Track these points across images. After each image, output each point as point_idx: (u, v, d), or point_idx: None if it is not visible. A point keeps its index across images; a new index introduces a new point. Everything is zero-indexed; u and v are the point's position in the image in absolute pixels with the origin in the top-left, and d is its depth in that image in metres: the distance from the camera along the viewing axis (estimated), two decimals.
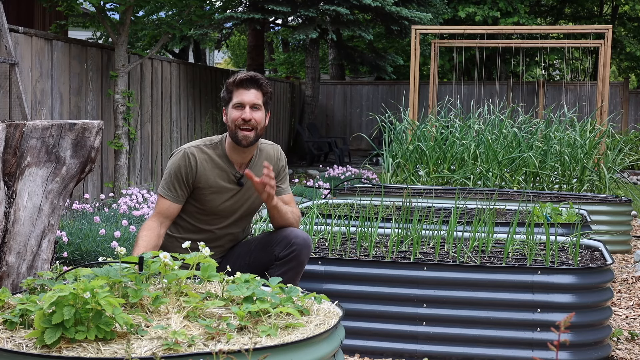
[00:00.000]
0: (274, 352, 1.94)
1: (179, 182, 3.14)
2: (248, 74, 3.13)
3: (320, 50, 20.91)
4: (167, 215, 3.15)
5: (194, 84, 10.65)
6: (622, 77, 24.36)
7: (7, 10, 8.51)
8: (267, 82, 3.18)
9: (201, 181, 3.15)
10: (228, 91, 3.16)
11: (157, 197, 3.19)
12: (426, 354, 3.30)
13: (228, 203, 3.20)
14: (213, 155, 3.18)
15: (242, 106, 3.11)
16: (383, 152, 7.96)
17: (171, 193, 3.14)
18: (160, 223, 3.13)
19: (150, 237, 3.06)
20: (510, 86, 15.54)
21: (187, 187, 3.15)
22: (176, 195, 3.14)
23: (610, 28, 9.97)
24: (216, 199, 3.17)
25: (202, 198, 3.17)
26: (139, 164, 8.78)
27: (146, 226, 3.10)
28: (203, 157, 3.16)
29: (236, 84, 3.12)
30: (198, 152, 3.17)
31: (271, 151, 3.30)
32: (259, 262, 3.19)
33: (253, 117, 3.10)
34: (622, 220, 5.88)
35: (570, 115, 8.51)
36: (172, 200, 3.14)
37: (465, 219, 4.41)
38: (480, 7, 16.67)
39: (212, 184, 3.16)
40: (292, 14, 13.30)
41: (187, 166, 3.13)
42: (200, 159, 3.15)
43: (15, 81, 6.14)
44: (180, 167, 3.14)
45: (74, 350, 1.90)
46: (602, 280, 3.34)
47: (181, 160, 3.14)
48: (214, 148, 3.20)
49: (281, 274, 3.09)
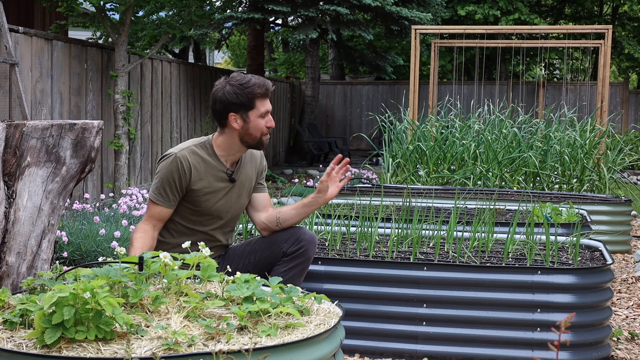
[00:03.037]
0: (274, 352, 1.94)
1: (171, 187, 3.10)
2: (266, 84, 3.12)
3: (320, 50, 20.92)
4: (159, 219, 3.14)
5: (194, 84, 10.65)
6: (622, 77, 24.37)
7: (7, 10, 8.51)
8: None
9: (195, 184, 3.13)
10: (249, 99, 3.09)
11: (148, 201, 3.16)
12: (426, 354, 3.30)
13: (222, 201, 3.20)
14: (204, 155, 3.16)
15: (267, 114, 3.16)
16: (383, 152, 7.96)
17: (162, 198, 3.11)
18: (153, 226, 3.12)
19: (145, 239, 3.06)
20: (510, 86, 15.54)
21: (179, 192, 3.12)
22: (168, 200, 3.12)
23: (610, 28, 9.97)
24: (211, 199, 3.17)
25: (196, 200, 3.15)
26: (139, 164, 8.79)
27: (140, 229, 3.09)
28: (195, 158, 3.13)
29: (262, 95, 3.12)
30: (190, 154, 3.13)
31: (254, 151, 3.34)
32: (265, 260, 3.21)
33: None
34: (622, 220, 5.88)
35: (570, 115, 8.51)
36: (164, 205, 3.12)
37: (465, 219, 4.41)
38: (480, 6, 16.67)
39: (205, 185, 3.14)
40: (292, 14, 13.30)
41: (180, 171, 3.09)
42: (192, 162, 3.12)
43: (15, 81, 6.14)
44: (173, 172, 3.09)
45: (74, 350, 1.90)
46: (602, 280, 3.34)
47: (173, 166, 3.09)
48: (204, 148, 3.18)
49: (288, 269, 3.14)
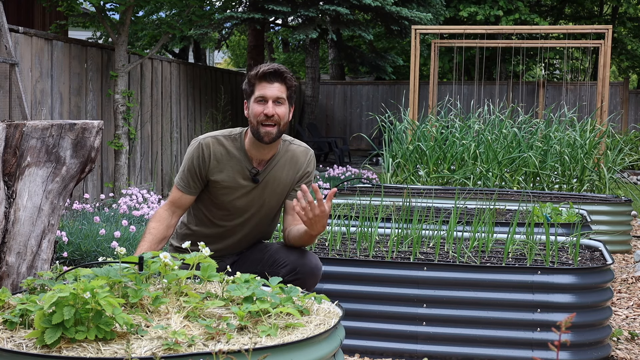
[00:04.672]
0: (274, 352, 1.94)
1: (192, 173, 3.03)
2: (272, 66, 2.92)
3: (320, 50, 20.92)
4: (179, 205, 3.06)
5: (194, 84, 10.65)
6: (622, 77, 24.37)
7: (7, 10, 8.52)
8: (291, 75, 2.98)
9: (214, 173, 3.02)
10: (250, 84, 2.96)
11: (174, 185, 3.09)
12: (426, 354, 3.30)
13: (241, 200, 3.05)
14: (231, 147, 3.02)
15: (264, 100, 2.91)
16: (383, 152, 7.95)
17: (183, 183, 3.04)
18: (172, 212, 3.05)
19: (159, 229, 2.99)
20: (510, 86, 15.54)
21: (199, 179, 3.03)
22: (188, 186, 3.04)
23: (610, 28, 9.97)
24: (229, 194, 3.04)
25: (214, 191, 3.05)
26: (139, 164, 8.78)
27: (157, 216, 3.02)
28: (219, 149, 3.02)
29: (259, 77, 2.92)
30: (214, 143, 3.02)
31: (301, 155, 3.09)
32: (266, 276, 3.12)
33: (276, 112, 2.91)
34: (622, 220, 5.88)
35: (570, 115, 8.51)
36: (184, 191, 3.04)
37: (465, 219, 4.41)
38: (481, 7, 16.68)
39: (225, 178, 3.02)
40: (292, 14, 13.30)
41: (200, 157, 3.01)
42: (214, 151, 3.01)
43: (15, 81, 6.14)
44: (193, 158, 3.02)
45: (74, 350, 1.90)
46: (602, 280, 3.34)
47: (195, 152, 3.02)
48: (233, 140, 3.03)
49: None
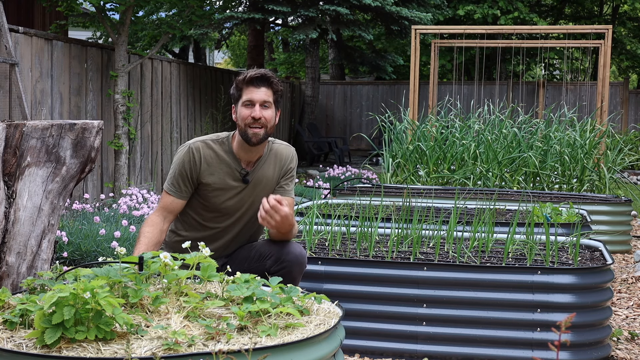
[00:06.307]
0: (274, 352, 1.94)
1: (183, 177, 3.11)
2: (258, 72, 3.07)
3: (320, 50, 20.92)
4: (171, 210, 3.13)
5: (194, 84, 10.65)
6: (622, 77, 24.36)
7: (7, 10, 8.52)
8: (277, 79, 3.12)
9: (205, 177, 3.11)
10: (238, 88, 3.10)
11: (163, 191, 3.17)
12: (426, 354, 3.30)
13: (232, 201, 3.16)
14: (219, 151, 3.14)
15: (252, 104, 3.06)
16: (383, 152, 7.96)
17: (174, 188, 3.12)
18: (163, 218, 3.11)
19: (153, 233, 3.04)
20: (510, 86, 15.54)
21: (190, 183, 3.12)
22: (179, 190, 3.12)
23: (610, 28, 9.97)
24: (220, 196, 3.14)
25: (205, 194, 3.14)
26: (139, 164, 8.78)
27: (149, 221, 3.08)
28: (208, 152, 3.13)
29: (246, 82, 3.06)
30: (203, 147, 3.13)
31: (284, 151, 3.24)
32: (255, 272, 3.11)
33: (263, 116, 3.05)
34: (622, 220, 5.88)
35: (570, 115, 8.51)
36: (175, 195, 3.12)
37: (465, 219, 4.41)
38: (479, 6, 16.67)
39: (216, 180, 3.12)
40: (292, 14, 13.30)
41: (191, 162, 3.10)
42: (204, 155, 3.12)
43: (15, 81, 6.14)
44: (184, 162, 3.11)
45: (74, 350, 1.90)
46: (602, 280, 3.34)
47: (185, 156, 3.11)
48: (221, 144, 3.16)
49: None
